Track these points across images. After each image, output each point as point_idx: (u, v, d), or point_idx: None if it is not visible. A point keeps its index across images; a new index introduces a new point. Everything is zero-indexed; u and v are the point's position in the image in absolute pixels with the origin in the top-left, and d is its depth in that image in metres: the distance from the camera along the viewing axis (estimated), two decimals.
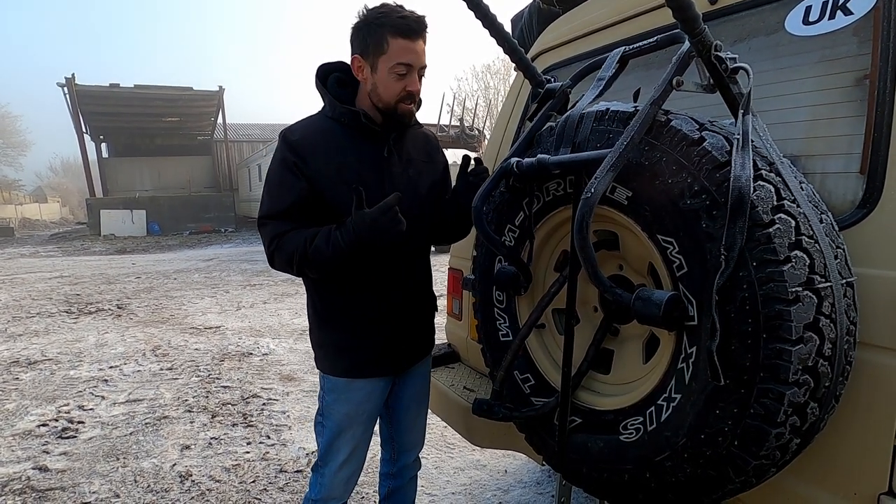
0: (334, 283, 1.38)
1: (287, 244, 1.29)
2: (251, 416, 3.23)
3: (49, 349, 4.67)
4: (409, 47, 1.25)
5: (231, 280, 8.47)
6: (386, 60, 1.26)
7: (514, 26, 2.30)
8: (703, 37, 0.81)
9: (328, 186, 1.31)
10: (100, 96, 18.77)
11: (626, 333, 1.14)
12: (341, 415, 1.44)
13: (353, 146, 1.35)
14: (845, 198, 0.98)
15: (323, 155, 1.31)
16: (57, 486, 2.46)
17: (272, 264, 1.35)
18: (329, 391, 1.46)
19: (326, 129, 1.35)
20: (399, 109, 1.32)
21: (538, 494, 2.41)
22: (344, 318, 1.40)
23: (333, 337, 1.42)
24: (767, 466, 0.84)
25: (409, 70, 1.27)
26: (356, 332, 1.40)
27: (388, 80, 1.28)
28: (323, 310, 1.42)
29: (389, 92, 1.29)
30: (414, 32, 1.25)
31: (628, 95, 1.17)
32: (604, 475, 1.03)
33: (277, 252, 1.31)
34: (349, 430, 1.44)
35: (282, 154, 1.32)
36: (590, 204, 0.85)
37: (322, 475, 1.47)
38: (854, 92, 0.99)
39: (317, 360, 1.49)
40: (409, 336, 1.49)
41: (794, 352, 0.75)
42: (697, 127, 0.88)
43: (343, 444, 1.45)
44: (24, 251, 14.46)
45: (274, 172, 1.33)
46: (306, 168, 1.30)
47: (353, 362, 1.42)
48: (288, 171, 1.30)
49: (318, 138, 1.33)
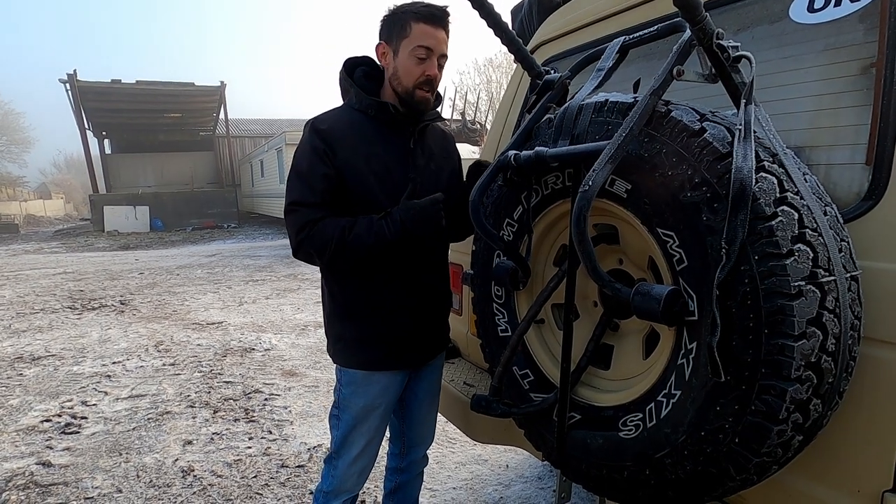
0: (358, 275, 1.38)
1: (321, 232, 1.29)
2: (253, 411, 3.23)
3: (52, 345, 4.69)
4: (430, 32, 1.29)
5: (234, 276, 8.49)
6: (408, 44, 1.30)
7: (514, 17, 2.26)
8: (704, 25, 0.79)
9: (355, 176, 1.33)
10: (102, 92, 18.75)
11: (626, 328, 1.12)
12: (358, 408, 1.44)
13: (379, 137, 1.37)
14: (850, 189, 0.96)
15: (351, 145, 1.33)
16: (60, 481, 2.47)
17: (298, 251, 1.34)
18: (347, 384, 1.45)
19: (354, 120, 1.37)
20: (416, 96, 1.34)
21: (539, 489, 2.40)
22: (366, 311, 1.40)
23: (355, 330, 1.42)
24: (769, 464, 0.82)
25: (429, 55, 1.30)
26: (378, 325, 1.41)
27: (408, 63, 1.31)
28: (344, 302, 1.42)
29: (409, 76, 1.32)
30: (437, 19, 1.30)
31: (630, 87, 1.15)
32: (603, 472, 1.01)
33: (309, 240, 1.30)
34: (365, 423, 1.45)
35: (311, 143, 1.32)
36: (587, 197, 0.84)
37: (335, 467, 1.47)
38: (860, 81, 0.97)
39: (335, 353, 1.48)
40: (429, 330, 1.50)
41: (796, 347, 0.74)
42: (698, 117, 0.86)
43: (358, 436, 1.45)
44: (28, 247, 14.53)
45: (304, 160, 1.33)
46: (335, 157, 1.31)
47: (374, 356, 1.42)
48: (318, 158, 1.31)
49: (347, 128, 1.35)
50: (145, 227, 18.25)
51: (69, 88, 17.66)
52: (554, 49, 1.75)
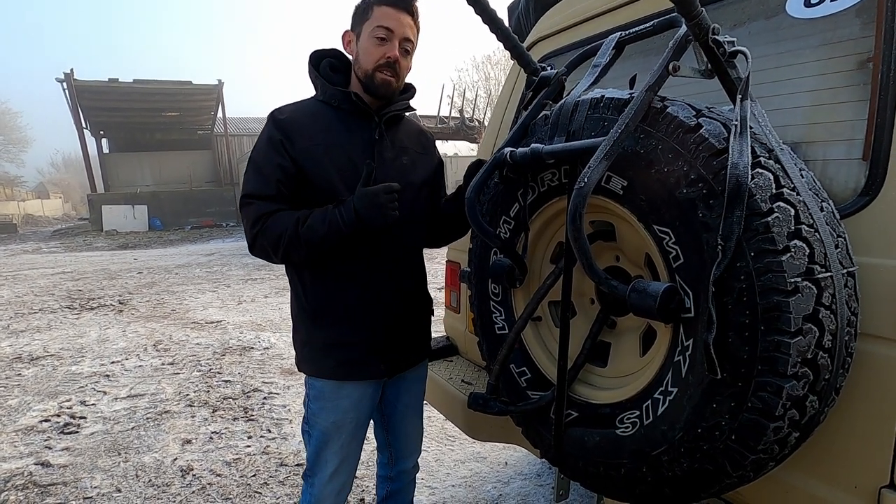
0: (322, 274, 1.33)
1: (274, 225, 1.24)
2: (252, 410, 3.23)
3: (51, 345, 4.69)
4: (391, 14, 1.26)
5: (232, 274, 8.48)
6: (368, 25, 1.27)
7: (511, 14, 2.25)
8: (700, 20, 0.79)
9: (314, 167, 1.28)
10: (99, 91, 18.71)
11: (623, 326, 1.12)
12: (327, 423, 1.37)
13: (342, 128, 1.33)
14: (847, 185, 0.96)
15: (310, 135, 1.29)
16: (59, 481, 2.47)
17: (253, 247, 1.29)
18: (314, 398, 1.38)
19: (317, 111, 1.34)
20: (376, 79, 1.29)
21: (538, 486, 2.41)
22: (332, 313, 1.34)
23: (321, 333, 1.35)
24: (765, 461, 0.82)
25: (389, 36, 1.26)
26: (344, 329, 1.34)
27: (368, 45, 1.28)
28: (308, 303, 1.35)
29: (369, 58, 1.28)
30: (400, 2, 1.26)
31: (626, 83, 1.14)
32: (600, 469, 1.01)
33: (262, 234, 1.25)
34: (336, 440, 1.38)
35: (268, 132, 1.29)
36: (583, 194, 0.83)
37: (312, 485, 1.41)
38: (857, 76, 0.96)
39: (300, 361, 1.41)
40: (402, 337, 1.43)
41: (792, 344, 0.73)
42: (694, 113, 0.86)
43: (331, 455, 1.38)
44: (26, 247, 14.51)
45: (259, 151, 1.29)
46: (292, 147, 1.27)
47: (341, 361, 1.35)
48: (273, 149, 1.27)
49: (307, 118, 1.31)
50: (144, 226, 18.23)
51: (66, 87, 17.63)
52: (550, 45, 1.74)
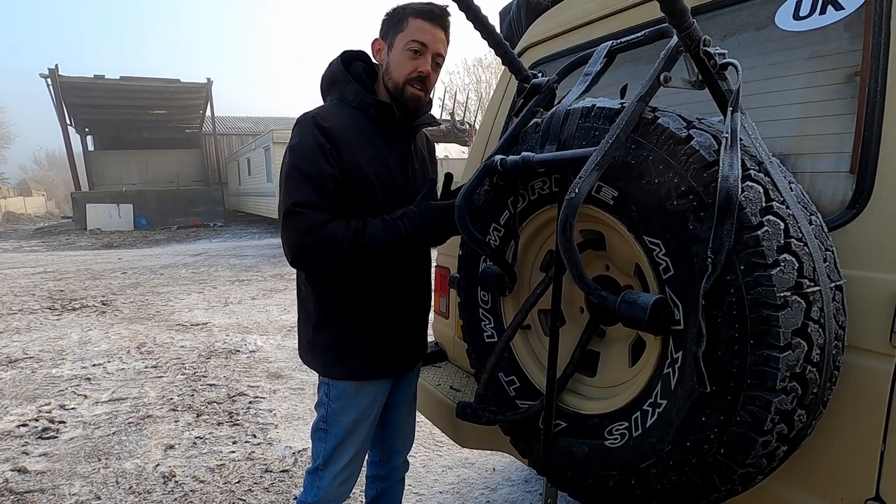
0: (352, 280, 1.33)
1: (332, 234, 1.21)
2: (237, 414, 3.19)
3: (30, 347, 4.58)
4: (426, 28, 1.28)
5: (219, 276, 8.37)
6: (402, 37, 1.28)
7: (502, 20, 2.25)
8: (691, 31, 0.79)
9: (359, 179, 1.28)
10: (84, 88, 18.40)
11: (613, 335, 1.11)
12: (349, 421, 1.41)
13: (382, 141, 1.34)
14: (835, 198, 0.96)
15: (354, 146, 1.29)
16: (36, 488, 2.40)
17: (301, 256, 1.22)
18: (336, 398, 1.40)
19: (356, 120, 1.32)
20: (406, 92, 1.30)
21: (526, 493, 2.40)
22: (358, 319, 1.36)
23: (347, 339, 1.37)
24: (754, 474, 0.82)
25: (422, 50, 1.28)
26: (367, 333, 1.37)
27: (400, 58, 1.29)
28: (333, 310, 1.36)
29: (400, 70, 1.29)
30: (435, 16, 1.29)
31: (617, 91, 1.14)
32: (588, 480, 1.00)
33: (316, 243, 1.20)
34: (354, 435, 1.42)
35: (315, 140, 1.24)
36: (573, 204, 0.82)
37: (321, 478, 1.44)
38: (845, 89, 0.97)
39: (325, 364, 1.40)
40: (418, 335, 1.50)
41: (781, 358, 0.73)
42: (685, 125, 0.86)
43: (347, 448, 1.43)
44: (6, 246, 14.20)
45: (307, 159, 1.23)
46: (339, 158, 1.26)
47: (368, 362, 1.39)
48: (324, 157, 1.23)
49: (350, 129, 1.30)
50: (129, 225, 17.94)
51: (50, 84, 17.31)
52: (542, 52, 1.74)
